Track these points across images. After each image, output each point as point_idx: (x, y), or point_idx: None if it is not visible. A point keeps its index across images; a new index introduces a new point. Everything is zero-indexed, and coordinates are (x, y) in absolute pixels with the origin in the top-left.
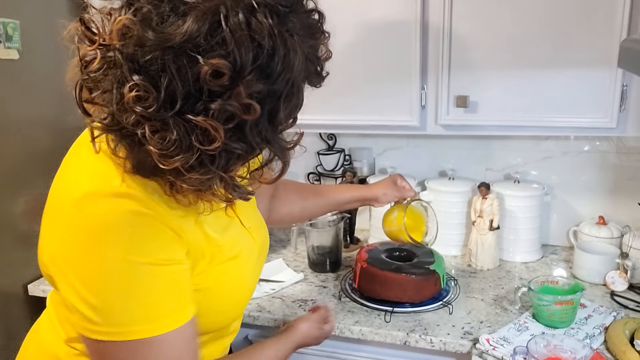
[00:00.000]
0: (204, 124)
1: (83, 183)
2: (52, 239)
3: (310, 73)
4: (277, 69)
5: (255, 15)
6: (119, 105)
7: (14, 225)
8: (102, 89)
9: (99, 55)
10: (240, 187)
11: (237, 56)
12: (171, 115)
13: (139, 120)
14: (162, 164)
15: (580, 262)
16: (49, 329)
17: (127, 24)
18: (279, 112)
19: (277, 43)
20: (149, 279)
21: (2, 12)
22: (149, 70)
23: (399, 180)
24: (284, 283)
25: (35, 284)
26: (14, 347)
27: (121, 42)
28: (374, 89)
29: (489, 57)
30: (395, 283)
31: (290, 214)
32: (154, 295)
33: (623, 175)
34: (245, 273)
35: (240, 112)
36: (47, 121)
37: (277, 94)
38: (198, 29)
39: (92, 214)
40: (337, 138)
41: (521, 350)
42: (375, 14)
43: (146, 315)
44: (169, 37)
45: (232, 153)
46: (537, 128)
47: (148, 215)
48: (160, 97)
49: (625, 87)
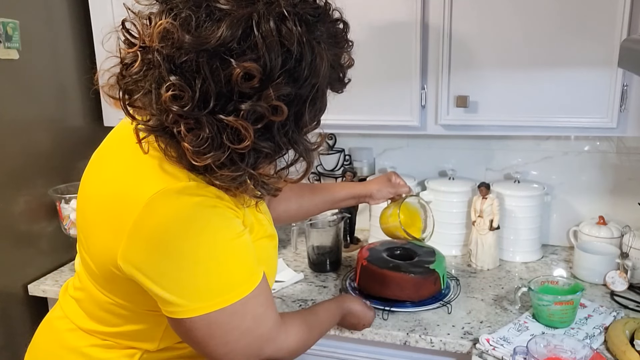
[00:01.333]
0: (235, 124)
1: (149, 183)
2: (123, 241)
3: (333, 79)
4: (304, 73)
5: (286, 23)
6: (158, 104)
7: (14, 225)
8: (142, 91)
9: (140, 57)
10: (268, 185)
11: (267, 60)
12: (204, 114)
13: (176, 119)
14: (195, 161)
15: (580, 262)
16: (64, 323)
17: (168, 27)
18: (304, 114)
19: (305, 49)
20: (236, 250)
21: (2, 12)
22: (185, 71)
23: (393, 177)
24: (284, 283)
25: (35, 284)
26: (14, 347)
27: (161, 44)
28: (374, 89)
29: (489, 57)
30: (393, 281)
31: (286, 211)
32: (242, 262)
33: (623, 175)
34: (275, 257)
35: (268, 113)
36: (47, 121)
37: (303, 97)
38: (232, 34)
39: (169, 211)
40: (337, 138)
41: (521, 350)
42: (375, 14)
43: (239, 279)
44: (204, 41)
45: (260, 152)
46: (537, 128)
47: (213, 199)
48: (195, 96)
49: (626, 87)
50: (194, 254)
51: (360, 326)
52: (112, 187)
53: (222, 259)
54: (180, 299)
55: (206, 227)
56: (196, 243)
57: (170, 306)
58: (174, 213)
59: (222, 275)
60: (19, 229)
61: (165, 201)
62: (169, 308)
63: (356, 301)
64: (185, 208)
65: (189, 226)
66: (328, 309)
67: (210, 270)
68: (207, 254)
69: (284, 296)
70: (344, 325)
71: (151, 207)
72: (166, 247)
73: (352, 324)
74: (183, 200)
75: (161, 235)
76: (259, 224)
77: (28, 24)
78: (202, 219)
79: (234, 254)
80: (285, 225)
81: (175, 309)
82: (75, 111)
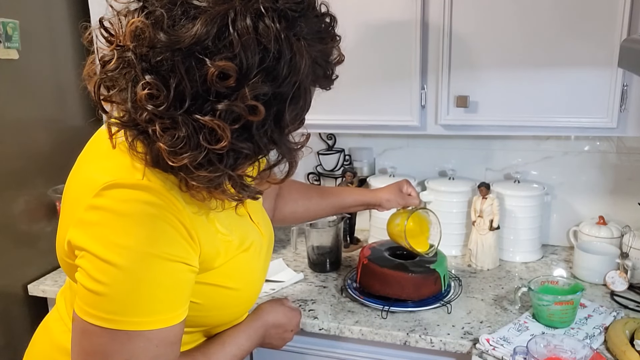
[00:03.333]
0: (211, 124)
1: (105, 174)
2: (72, 224)
3: (318, 76)
4: (283, 72)
5: (263, 20)
6: (133, 103)
7: (14, 225)
8: (118, 88)
9: (116, 56)
10: (249, 187)
11: (244, 59)
12: (180, 114)
13: (151, 118)
14: (171, 161)
15: (580, 262)
16: (59, 325)
17: (140, 26)
18: (284, 114)
19: (283, 47)
20: (155, 271)
21: (2, 12)
22: (160, 71)
23: (405, 187)
24: (284, 283)
25: (35, 284)
26: (14, 347)
27: (134, 44)
28: (374, 89)
29: (489, 57)
30: (394, 280)
31: (293, 213)
32: (155, 289)
33: (623, 175)
34: (255, 266)
35: (246, 113)
36: (46, 121)
37: (283, 96)
38: (207, 32)
39: (112, 203)
40: (337, 138)
41: (521, 350)
42: (375, 13)
43: (142, 308)
44: (178, 39)
45: (239, 153)
46: (537, 128)
47: (165, 209)
48: (170, 96)
49: (626, 87)
50: (120, 256)
51: (289, 334)
52: (78, 180)
53: (139, 274)
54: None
55: (137, 231)
56: (126, 244)
57: (78, 297)
58: (115, 206)
59: (134, 290)
60: (19, 229)
61: (112, 193)
62: (77, 297)
63: (273, 309)
64: (125, 204)
65: (124, 223)
66: (235, 342)
67: (124, 281)
68: (130, 262)
69: (283, 296)
70: (270, 344)
71: (100, 195)
72: (102, 241)
73: (279, 338)
74: (125, 195)
75: (102, 228)
76: (230, 245)
77: (28, 24)
78: (138, 222)
79: (154, 274)
80: (284, 225)
81: (77, 302)
82: (75, 111)
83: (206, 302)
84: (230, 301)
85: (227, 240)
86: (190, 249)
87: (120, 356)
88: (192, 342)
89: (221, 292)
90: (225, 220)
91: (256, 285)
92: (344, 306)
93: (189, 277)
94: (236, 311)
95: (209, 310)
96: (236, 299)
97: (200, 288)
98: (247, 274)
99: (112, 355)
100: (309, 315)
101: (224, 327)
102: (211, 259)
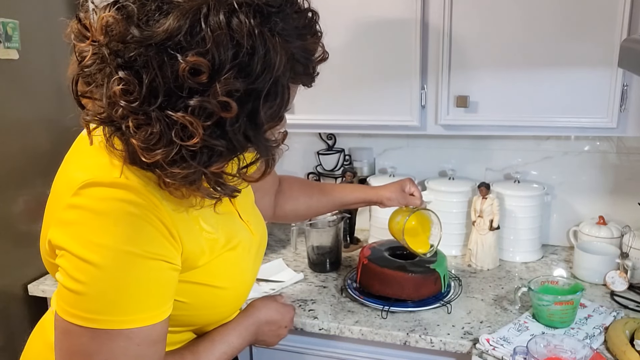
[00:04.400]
0: (182, 120)
1: (84, 173)
2: (52, 223)
3: (298, 73)
4: (257, 67)
5: (237, 15)
6: (108, 99)
7: (14, 225)
8: (95, 83)
9: (91, 51)
10: (224, 185)
11: (216, 54)
12: (153, 110)
13: (125, 114)
14: (144, 157)
15: (580, 262)
16: (52, 324)
17: (110, 21)
18: (259, 110)
19: (256, 42)
20: (134, 270)
21: (2, 12)
22: (134, 66)
23: (407, 186)
24: (284, 283)
25: (35, 284)
26: (14, 347)
27: (105, 39)
28: (374, 89)
29: (489, 57)
30: (394, 280)
31: (295, 210)
32: (135, 287)
33: (623, 175)
34: (244, 265)
35: (218, 109)
36: (46, 121)
37: (258, 92)
38: (179, 27)
39: (90, 202)
40: (337, 138)
41: (521, 350)
42: (375, 13)
43: (122, 306)
44: (151, 35)
45: (213, 150)
46: (537, 128)
47: (143, 207)
48: (143, 92)
49: (626, 87)
50: (98, 255)
51: (282, 330)
52: (61, 179)
53: (118, 272)
54: (63, 298)
55: (116, 230)
56: (104, 243)
57: (59, 297)
58: (92, 205)
59: (112, 289)
60: (19, 229)
61: (89, 192)
62: (58, 297)
63: (265, 305)
64: (102, 203)
65: (102, 222)
66: (225, 340)
67: (103, 279)
68: (108, 260)
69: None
70: (264, 342)
71: (78, 194)
72: (80, 240)
73: (272, 335)
74: (103, 194)
75: (80, 227)
76: (216, 243)
77: (28, 24)
78: (116, 220)
79: (133, 272)
80: (285, 225)
81: (58, 302)
82: (74, 110)
83: (192, 301)
84: (217, 300)
85: (212, 238)
86: (170, 247)
87: (101, 356)
88: (183, 342)
89: (207, 291)
90: (210, 219)
91: (245, 284)
92: (344, 306)
93: (170, 275)
94: (225, 310)
95: (196, 309)
96: (223, 297)
97: (186, 287)
98: (234, 272)
99: (93, 354)
100: (309, 315)
101: (214, 326)
102: (195, 257)
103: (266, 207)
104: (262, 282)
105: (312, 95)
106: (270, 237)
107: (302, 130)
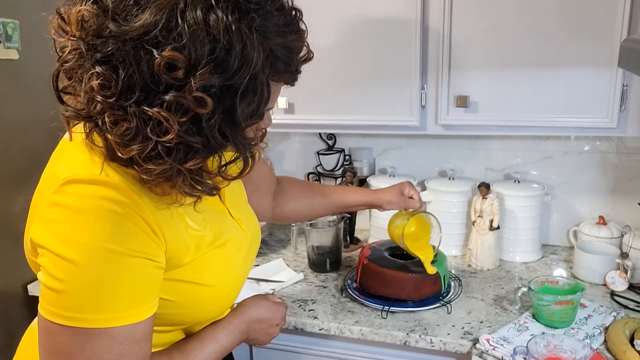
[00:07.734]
0: (157, 116)
1: (65, 170)
2: (35, 221)
3: (279, 71)
4: (234, 64)
5: (214, 11)
6: (86, 93)
7: (14, 225)
8: (75, 78)
9: (70, 46)
10: (202, 182)
11: (192, 50)
12: (129, 105)
13: (102, 109)
14: (120, 153)
15: (580, 262)
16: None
17: (86, 15)
18: (236, 107)
19: (233, 38)
20: (118, 268)
21: (2, 12)
22: (111, 61)
23: (407, 189)
24: (284, 283)
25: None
26: (14, 347)
27: (81, 33)
28: (374, 89)
29: (489, 57)
30: (394, 280)
31: (295, 211)
32: (115, 285)
33: (623, 175)
34: (233, 263)
35: (193, 105)
36: (46, 121)
37: (235, 89)
38: (155, 22)
39: (70, 199)
40: (337, 138)
41: (521, 350)
42: (375, 13)
43: (102, 305)
44: (127, 30)
45: (189, 146)
46: (537, 128)
47: (123, 204)
48: (119, 87)
49: (626, 87)
50: (77, 252)
51: (274, 329)
52: (44, 177)
53: (97, 270)
54: (44, 297)
55: (95, 227)
56: (84, 241)
57: (40, 296)
58: (72, 203)
59: (92, 287)
60: (19, 229)
61: (69, 189)
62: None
63: (256, 304)
64: (82, 200)
65: (82, 219)
66: (214, 338)
67: (82, 277)
68: (87, 258)
69: (283, 296)
70: (256, 340)
71: (59, 192)
72: (59, 237)
73: (264, 333)
74: (83, 191)
75: (59, 225)
76: (202, 240)
77: (28, 24)
78: (95, 218)
79: (113, 270)
80: (285, 225)
81: (40, 301)
82: None
83: (179, 299)
84: (204, 298)
85: (198, 235)
86: (153, 244)
87: (83, 355)
88: (173, 342)
89: (194, 289)
90: (197, 215)
91: (235, 282)
92: (344, 306)
93: (153, 272)
94: (213, 308)
95: (183, 307)
96: (211, 295)
97: (171, 285)
98: (222, 270)
99: (75, 353)
100: (309, 315)
101: (203, 325)
102: (180, 254)
103: (264, 207)
104: (262, 282)
105: (312, 95)
106: (270, 237)
107: (302, 130)
